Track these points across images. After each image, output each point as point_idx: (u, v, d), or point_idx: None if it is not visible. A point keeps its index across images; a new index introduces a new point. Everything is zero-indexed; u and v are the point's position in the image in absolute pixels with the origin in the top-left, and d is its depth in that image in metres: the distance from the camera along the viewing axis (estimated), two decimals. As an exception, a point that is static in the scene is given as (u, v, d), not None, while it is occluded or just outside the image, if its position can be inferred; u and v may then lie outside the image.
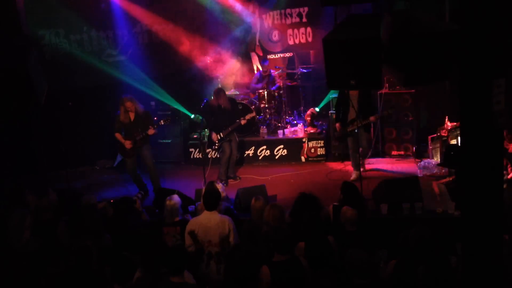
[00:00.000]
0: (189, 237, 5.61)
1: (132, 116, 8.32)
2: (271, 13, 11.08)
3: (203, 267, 5.58)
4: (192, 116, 10.61)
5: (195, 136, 10.38)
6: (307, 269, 4.81)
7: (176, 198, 6.30)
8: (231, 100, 9.17)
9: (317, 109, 10.35)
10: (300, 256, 4.95)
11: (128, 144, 8.32)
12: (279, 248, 4.80)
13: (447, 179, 7.98)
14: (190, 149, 10.24)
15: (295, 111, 10.92)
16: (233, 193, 7.68)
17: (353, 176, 8.59)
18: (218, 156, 9.35)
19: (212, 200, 5.72)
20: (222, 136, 8.87)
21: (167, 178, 9.22)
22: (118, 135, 8.40)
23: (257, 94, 10.53)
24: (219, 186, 6.90)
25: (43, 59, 9.84)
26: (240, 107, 10.21)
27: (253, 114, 9.09)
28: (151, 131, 8.29)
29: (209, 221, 5.61)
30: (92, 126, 10.56)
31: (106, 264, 5.27)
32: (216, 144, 8.93)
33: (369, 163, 9.15)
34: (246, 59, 11.47)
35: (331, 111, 9.79)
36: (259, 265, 4.71)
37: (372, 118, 8.47)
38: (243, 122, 8.91)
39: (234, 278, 4.43)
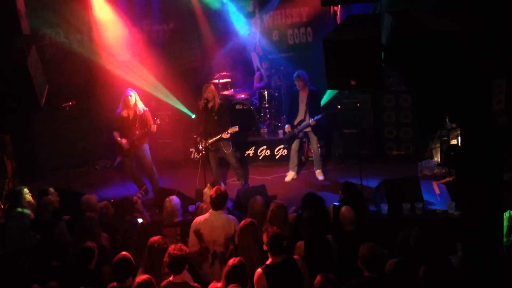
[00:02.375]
0: (194, 236, 5.59)
1: (131, 112, 8.28)
2: (271, 13, 11.09)
3: (208, 266, 5.57)
4: (194, 116, 10.58)
5: (195, 136, 10.37)
6: (303, 268, 4.81)
7: (175, 199, 6.29)
8: (223, 105, 8.36)
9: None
10: (295, 256, 4.94)
11: (125, 143, 8.29)
12: (272, 251, 4.79)
13: (447, 179, 7.98)
14: (190, 149, 10.24)
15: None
16: (233, 193, 7.68)
17: (288, 177, 8.90)
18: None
19: (219, 199, 5.70)
20: (207, 144, 8.14)
21: (167, 178, 9.21)
22: (116, 134, 8.37)
23: (257, 94, 10.53)
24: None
25: (43, 59, 9.85)
26: (240, 107, 10.21)
27: (236, 128, 8.09)
28: (153, 128, 8.23)
29: (215, 221, 5.60)
30: (92, 126, 10.57)
31: (104, 264, 5.28)
32: (202, 152, 8.15)
33: (369, 163, 9.15)
34: (246, 59, 11.48)
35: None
36: (255, 268, 4.72)
37: (312, 122, 8.53)
38: (224, 136, 8.06)
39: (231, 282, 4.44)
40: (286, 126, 8.88)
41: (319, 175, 8.89)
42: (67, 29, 10.33)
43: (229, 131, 8.04)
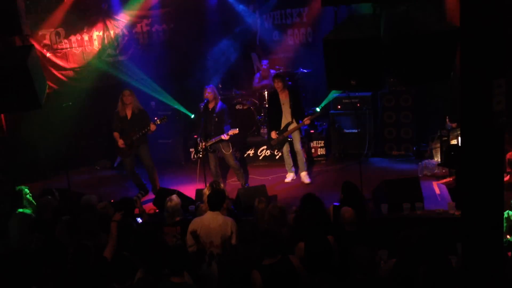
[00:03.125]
0: (191, 237, 5.58)
1: (129, 112, 8.26)
2: (271, 13, 11.10)
3: (205, 267, 5.56)
4: (193, 116, 10.58)
5: (195, 136, 10.37)
6: (299, 268, 4.80)
7: (176, 198, 6.29)
8: (223, 106, 8.29)
9: (317, 109, 10.36)
10: (291, 256, 4.94)
11: (121, 144, 8.26)
12: (268, 251, 4.78)
13: (447, 179, 7.98)
14: (190, 149, 10.23)
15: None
16: (234, 193, 7.68)
17: (288, 178, 8.83)
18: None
19: (216, 200, 5.69)
20: (206, 146, 8.16)
21: (167, 178, 9.21)
22: (116, 135, 8.34)
23: (257, 94, 10.52)
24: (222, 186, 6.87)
25: (43, 59, 9.86)
26: (240, 107, 10.21)
27: (236, 131, 8.04)
28: (152, 127, 8.14)
29: (212, 222, 5.58)
30: (92, 126, 10.56)
31: (103, 264, 5.27)
32: (200, 153, 8.20)
33: (369, 163, 9.15)
34: (246, 59, 11.48)
35: (332, 111, 9.82)
36: (252, 269, 4.71)
37: (306, 121, 8.51)
38: (224, 137, 8.02)
39: (228, 281, 4.44)
40: (272, 132, 8.68)
41: (305, 178, 8.71)
42: (67, 29, 10.32)
43: (229, 133, 8.00)
